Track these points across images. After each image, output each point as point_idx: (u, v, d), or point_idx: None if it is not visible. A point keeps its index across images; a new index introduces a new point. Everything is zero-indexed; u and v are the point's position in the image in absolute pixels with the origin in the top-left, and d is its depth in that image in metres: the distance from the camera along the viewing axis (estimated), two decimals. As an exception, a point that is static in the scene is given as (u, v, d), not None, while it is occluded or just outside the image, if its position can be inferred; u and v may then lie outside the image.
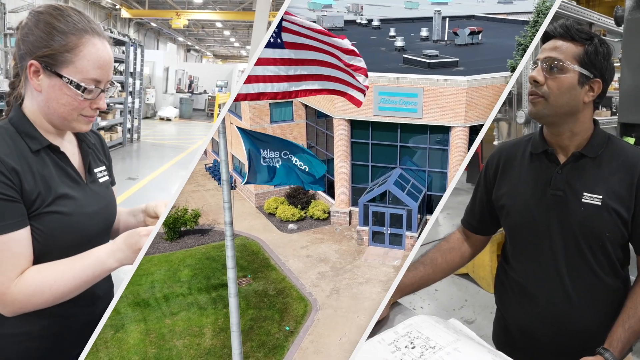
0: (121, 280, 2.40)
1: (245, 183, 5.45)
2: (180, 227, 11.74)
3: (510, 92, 8.12)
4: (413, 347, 1.98)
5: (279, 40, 3.78)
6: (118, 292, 2.37)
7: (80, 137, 2.40)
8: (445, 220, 9.64)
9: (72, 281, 2.08)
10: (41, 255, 2.10)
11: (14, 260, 2.02)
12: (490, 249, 7.40)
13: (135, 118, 24.56)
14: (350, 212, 12.80)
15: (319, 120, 13.42)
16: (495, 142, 9.39)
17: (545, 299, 2.45)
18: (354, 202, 12.71)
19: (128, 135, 23.64)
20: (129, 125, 23.78)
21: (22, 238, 2.04)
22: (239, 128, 5.39)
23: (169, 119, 32.61)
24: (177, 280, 10.27)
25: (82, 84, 2.12)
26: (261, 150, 5.23)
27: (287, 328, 9.17)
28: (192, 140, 25.43)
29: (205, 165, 14.98)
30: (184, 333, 8.93)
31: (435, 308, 7.82)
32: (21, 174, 2.03)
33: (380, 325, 2.31)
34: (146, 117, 30.51)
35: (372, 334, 2.17)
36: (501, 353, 2.02)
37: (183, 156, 20.83)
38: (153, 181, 16.37)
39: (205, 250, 11.33)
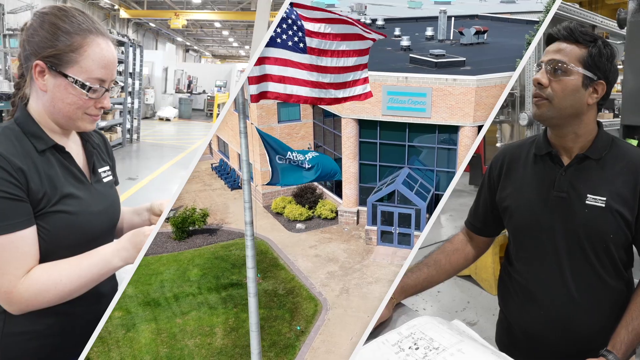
0: (122, 279, 2.43)
1: (269, 184, 5.46)
2: (188, 226, 11.73)
3: (513, 95, 8.11)
4: (417, 348, 1.98)
5: (301, 44, 3.76)
6: (119, 291, 2.38)
7: (84, 137, 2.43)
8: (447, 222, 9.65)
9: (78, 279, 2.10)
10: (47, 254, 2.11)
11: (20, 259, 2.04)
12: (493, 251, 7.40)
13: (135, 118, 24.57)
14: (358, 212, 12.80)
15: (326, 120, 13.41)
16: (498, 144, 9.40)
17: (548, 300, 2.45)
18: (362, 202, 12.71)
19: (127, 136, 23.65)
20: (128, 126, 23.80)
21: (28, 237, 2.05)
22: (259, 131, 5.38)
23: (168, 119, 32.63)
24: (187, 280, 10.26)
25: (87, 84, 2.15)
26: (281, 153, 5.23)
27: (298, 327, 9.16)
28: (192, 140, 25.43)
29: (212, 164, 14.97)
30: (195, 332, 8.92)
31: (438, 310, 7.81)
32: (27, 173, 2.05)
33: (384, 326, 2.32)
34: (145, 118, 30.52)
35: (377, 334, 2.18)
36: (504, 355, 2.01)
37: (183, 156, 20.84)
38: (153, 181, 16.36)
39: (214, 250, 11.31)
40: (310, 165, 5.31)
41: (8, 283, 2.00)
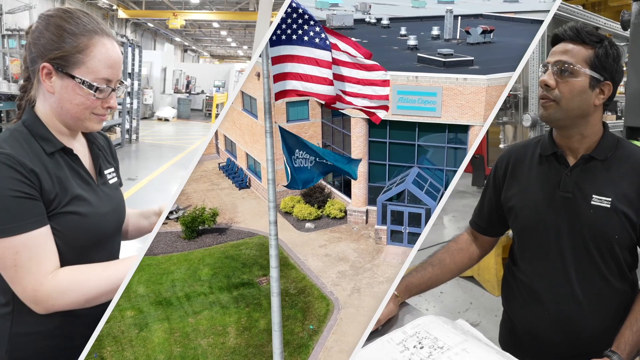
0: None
1: (287, 187, 5.41)
2: (198, 226, 11.70)
3: (516, 96, 8.12)
4: (421, 347, 2.01)
5: (316, 39, 3.73)
6: (119, 291, 2.39)
7: (90, 139, 2.49)
8: (450, 223, 9.67)
9: (106, 281, 2.14)
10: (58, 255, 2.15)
11: (43, 257, 2.07)
12: (496, 252, 7.41)
13: (134, 119, 24.61)
14: (367, 211, 12.76)
15: (335, 119, 13.38)
16: (501, 146, 9.41)
17: (553, 301, 2.46)
18: (371, 201, 12.68)
19: (126, 136, 23.69)
20: (127, 126, 23.83)
21: (47, 234, 2.09)
22: (280, 128, 5.34)
23: (167, 120, 32.72)
24: (198, 279, 10.22)
25: (95, 84, 2.19)
26: (296, 152, 5.17)
27: (311, 327, 9.14)
28: (191, 140, 25.51)
29: (219, 164, 14.94)
30: (208, 332, 8.90)
31: (441, 310, 7.81)
32: (39, 174, 2.08)
33: (391, 324, 2.33)
34: (144, 118, 30.57)
35: (384, 332, 2.20)
36: (508, 354, 2.03)
37: (182, 156, 20.86)
38: (152, 182, 16.41)
39: (224, 249, 11.26)
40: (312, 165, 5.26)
41: (35, 281, 2.03)
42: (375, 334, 2.30)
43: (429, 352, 1.97)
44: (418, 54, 13.54)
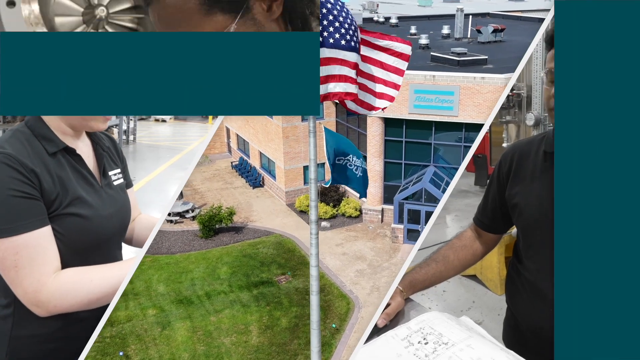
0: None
1: (332, 184, 5.40)
2: (215, 224, 11.70)
3: (519, 95, 8.12)
4: (426, 343, 2.00)
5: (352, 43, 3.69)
6: (119, 291, 2.38)
7: (94, 140, 2.44)
8: (453, 222, 9.66)
9: (109, 282, 2.11)
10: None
11: (45, 257, 2.03)
12: (498, 250, 7.39)
13: (131, 119, 24.52)
14: (382, 210, 12.79)
15: (350, 118, 13.41)
16: (504, 145, 9.42)
17: None
18: (386, 200, 12.70)
19: (124, 137, 23.60)
20: (124, 127, 23.73)
21: (48, 235, 2.05)
22: (325, 128, 5.32)
23: (164, 120, 32.57)
24: (217, 278, 10.23)
25: None
26: (346, 153, 5.16)
27: (333, 325, 9.15)
28: (188, 141, 25.44)
29: (232, 162, 14.98)
30: (230, 330, 8.90)
31: (443, 309, 7.75)
32: (40, 174, 2.05)
33: (397, 320, 2.34)
34: (141, 119, 30.46)
35: (391, 327, 2.20)
36: (513, 352, 2.03)
37: (179, 157, 20.83)
38: (150, 182, 16.36)
39: (242, 248, 11.28)
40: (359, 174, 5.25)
41: (36, 282, 2.00)
42: (384, 329, 2.30)
43: (434, 347, 1.96)
44: (431, 53, 13.56)
